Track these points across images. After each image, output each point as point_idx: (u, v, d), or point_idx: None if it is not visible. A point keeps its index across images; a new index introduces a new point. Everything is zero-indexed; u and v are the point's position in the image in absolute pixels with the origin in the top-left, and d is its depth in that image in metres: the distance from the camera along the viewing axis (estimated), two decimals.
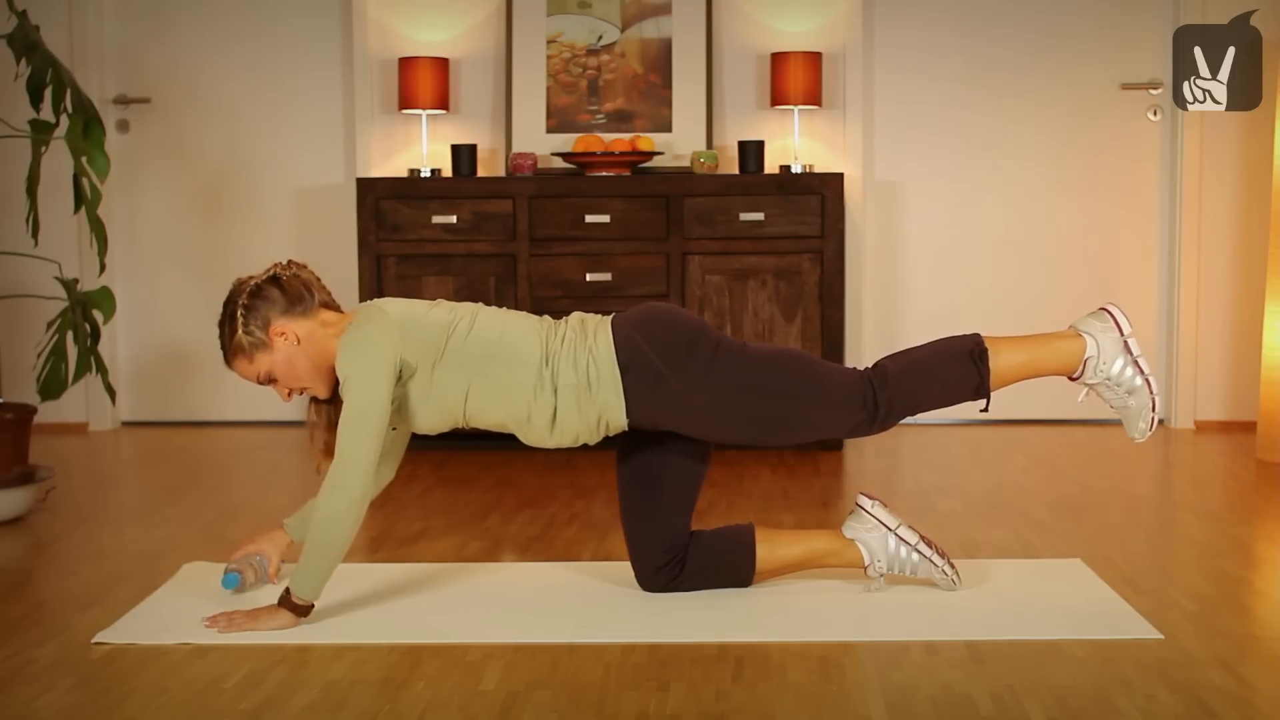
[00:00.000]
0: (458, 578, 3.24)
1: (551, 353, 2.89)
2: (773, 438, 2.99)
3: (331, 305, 2.98)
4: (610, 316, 2.97)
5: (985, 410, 3.01)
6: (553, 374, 2.87)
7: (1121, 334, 2.96)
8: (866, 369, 2.96)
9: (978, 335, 2.98)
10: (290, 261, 2.99)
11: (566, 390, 2.87)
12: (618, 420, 2.89)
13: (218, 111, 5.52)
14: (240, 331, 2.89)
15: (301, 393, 2.97)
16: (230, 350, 2.92)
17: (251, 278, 2.94)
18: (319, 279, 2.99)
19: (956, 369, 2.94)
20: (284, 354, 2.90)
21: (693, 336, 2.91)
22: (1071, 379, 3.00)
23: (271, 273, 2.94)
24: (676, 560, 3.04)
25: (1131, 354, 2.96)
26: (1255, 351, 5.10)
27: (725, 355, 2.90)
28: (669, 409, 2.88)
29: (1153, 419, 2.97)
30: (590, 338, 2.90)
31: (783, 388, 2.89)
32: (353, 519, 2.78)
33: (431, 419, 2.92)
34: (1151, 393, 2.96)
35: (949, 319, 5.45)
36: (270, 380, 2.93)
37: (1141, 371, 2.96)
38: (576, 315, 2.99)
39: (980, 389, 2.95)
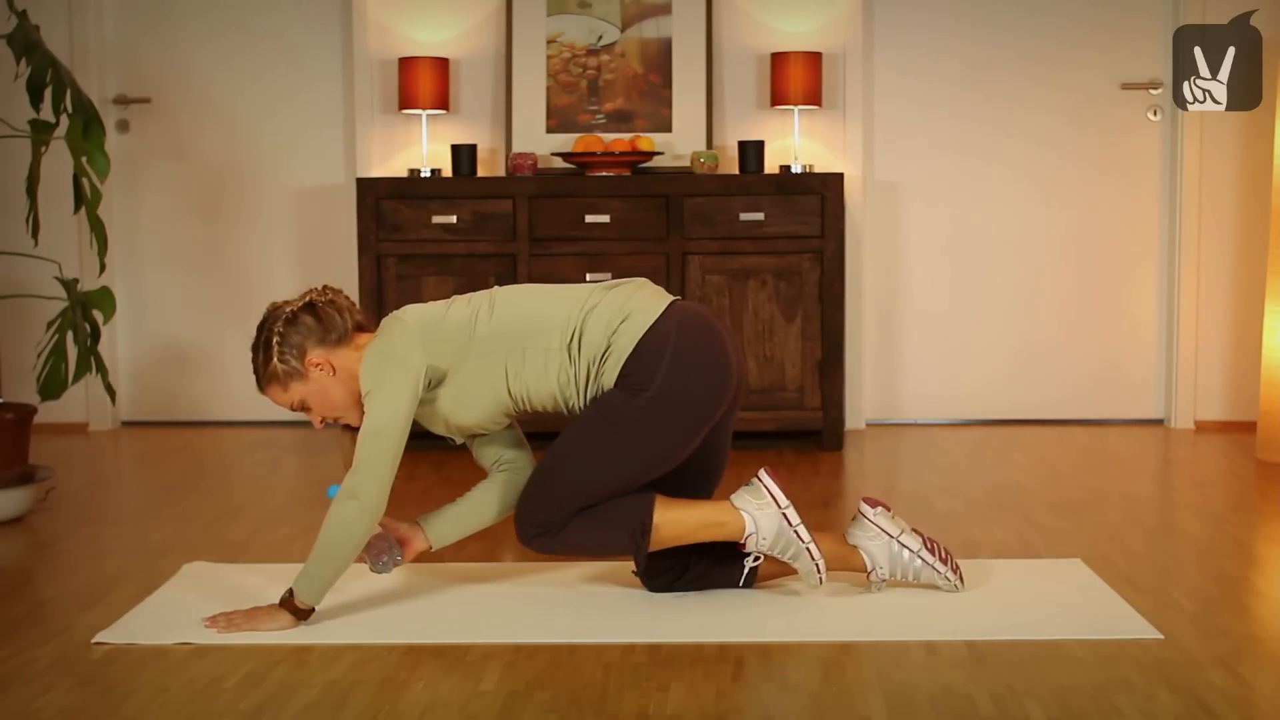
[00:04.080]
0: (458, 578, 3.24)
1: (585, 312, 2.87)
2: (551, 464, 2.91)
3: (364, 328, 2.95)
4: (672, 302, 2.93)
5: (635, 573, 3.03)
6: (579, 334, 2.85)
7: (778, 506, 2.95)
8: (647, 507, 2.91)
9: (646, 517, 2.91)
10: (325, 287, 2.95)
11: (588, 348, 2.85)
12: (608, 385, 2.86)
13: (218, 111, 5.52)
14: (276, 360, 2.86)
15: (335, 421, 2.95)
16: (265, 378, 2.89)
17: (287, 303, 2.91)
18: (353, 303, 2.96)
19: (616, 537, 2.92)
20: (319, 384, 2.88)
21: (698, 388, 2.87)
22: (740, 547, 2.99)
23: (307, 299, 2.90)
24: (680, 561, 3.04)
25: (790, 523, 2.95)
26: (1255, 351, 5.10)
27: (668, 419, 2.86)
28: (622, 386, 2.86)
29: (820, 578, 2.95)
30: (635, 305, 2.88)
31: (602, 463, 2.87)
32: (363, 528, 2.78)
33: (476, 414, 2.90)
34: (814, 559, 2.94)
35: (949, 319, 5.45)
36: (304, 408, 2.91)
37: (800, 539, 2.94)
38: (641, 280, 2.98)
39: (638, 557, 2.94)
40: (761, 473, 2.99)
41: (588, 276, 4.90)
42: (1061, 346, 5.45)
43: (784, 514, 2.95)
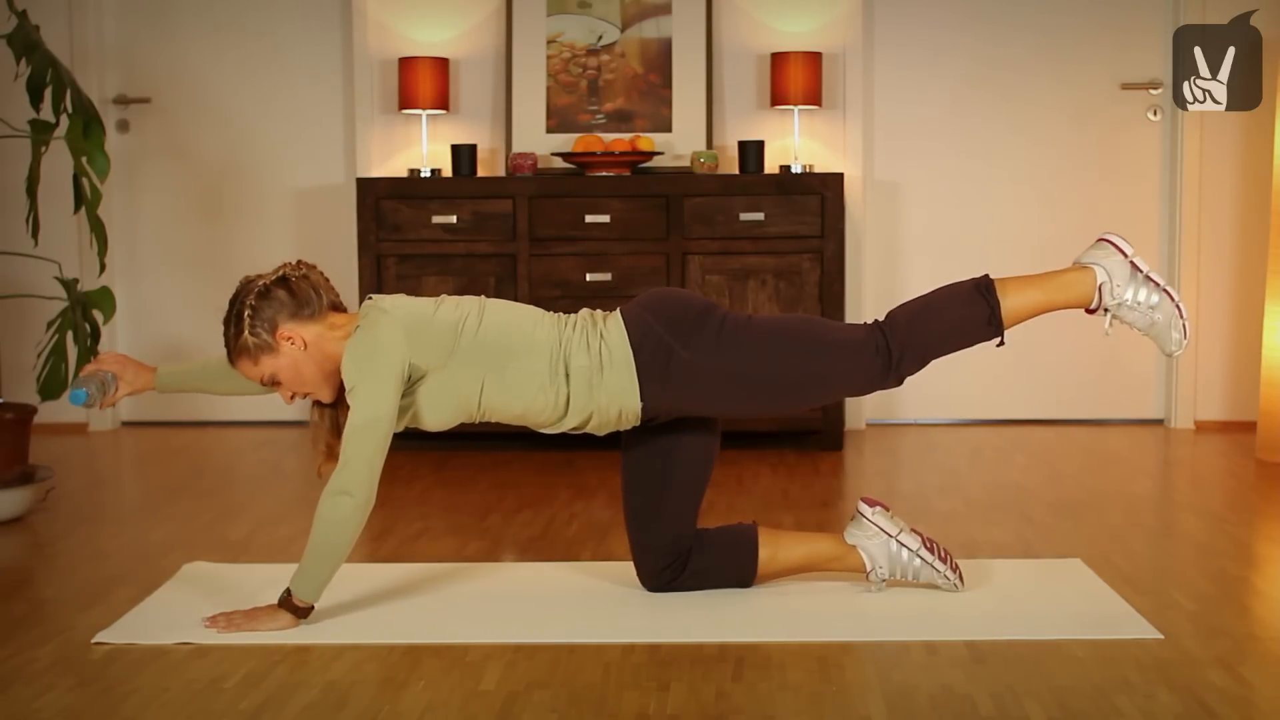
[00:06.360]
0: (458, 578, 3.23)
1: (564, 339, 2.88)
2: (792, 400, 2.97)
3: (339, 307, 2.96)
4: (618, 308, 2.97)
5: (1001, 344, 2.94)
6: (565, 359, 2.86)
7: (1126, 256, 2.93)
8: (876, 320, 2.95)
9: (985, 275, 2.96)
10: (300, 262, 2.95)
11: (579, 373, 2.85)
12: (632, 404, 2.86)
13: (218, 111, 5.52)
14: (246, 333, 2.86)
15: (305, 396, 2.95)
16: (235, 351, 2.90)
17: (260, 277, 2.90)
18: (327, 280, 2.96)
19: (966, 305, 2.91)
20: (290, 358, 2.88)
21: (701, 311, 2.91)
22: (1089, 311, 2.96)
23: (280, 273, 2.90)
24: (679, 561, 3.04)
25: (1142, 271, 2.92)
26: (1255, 351, 5.10)
27: (734, 324, 2.89)
28: (684, 385, 2.86)
29: (1184, 326, 2.93)
30: (601, 324, 2.91)
31: (795, 348, 2.88)
32: (356, 524, 2.78)
33: (443, 417, 2.90)
34: (1174, 300, 2.92)
35: None
36: (274, 383, 2.91)
37: (1157, 285, 2.92)
38: (586, 309, 2.99)
39: (993, 321, 2.90)
40: (1105, 233, 2.97)
41: (588, 277, 4.91)
42: (1061, 346, 5.45)
43: (1132, 262, 2.93)
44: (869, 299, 5.42)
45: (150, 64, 5.52)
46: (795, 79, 5.08)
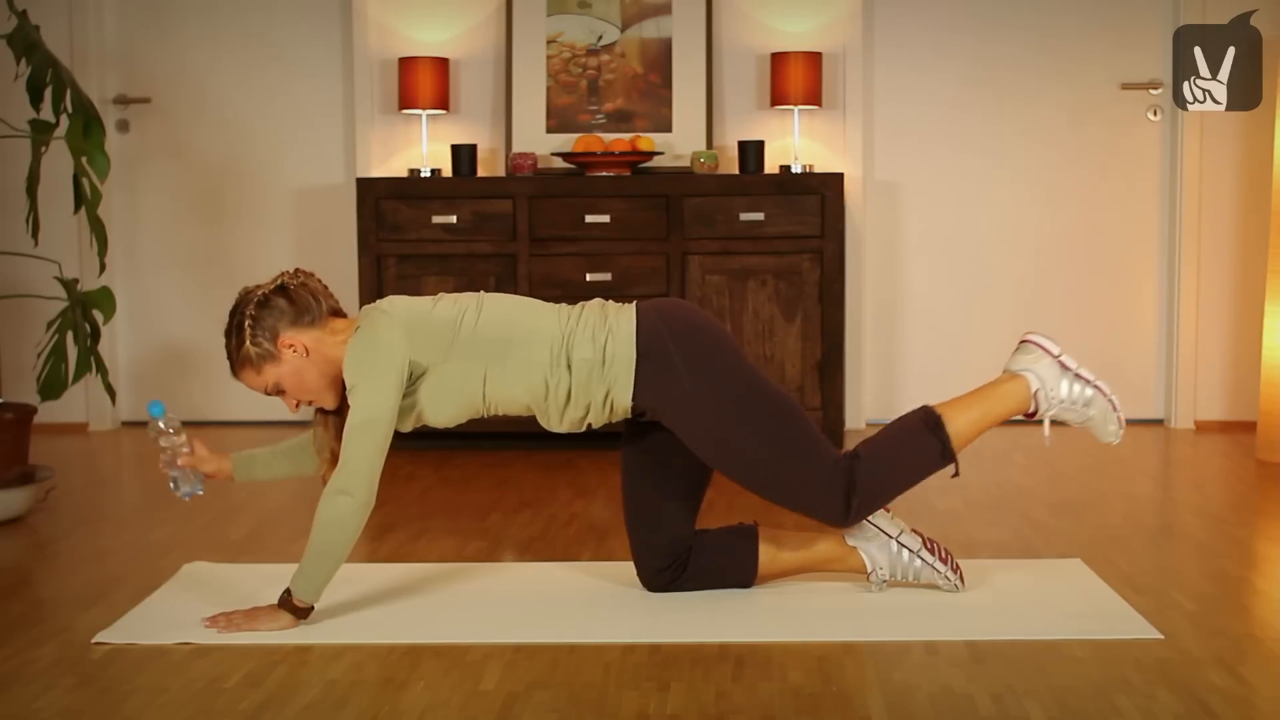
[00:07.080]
0: (458, 578, 3.23)
1: (568, 331, 2.88)
2: (748, 478, 2.94)
3: (339, 312, 2.96)
4: (635, 303, 2.97)
5: (956, 475, 3.02)
6: (567, 350, 2.86)
7: (1053, 356, 3.00)
8: (841, 460, 2.94)
9: (927, 407, 3.00)
10: (297, 270, 2.96)
11: (581, 365, 2.85)
12: (623, 398, 2.87)
13: (218, 111, 5.52)
14: (248, 343, 2.86)
15: (310, 404, 2.95)
16: (238, 362, 2.90)
17: (259, 287, 2.91)
18: (325, 286, 2.97)
19: (918, 444, 2.96)
20: (292, 366, 2.88)
21: (716, 342, 2.91)
22: (1029, 416, 3.03)
23: (279, 282, 2.91)
24: (679, 561, 3.04)
25: (1070, 369, 3.00)
26: (1255, 351, 5.10)
27: (742, 376, 2.89)
28: (672, 405, 2.87)
29: (1119, 418, 3.01)
30: (612, 318, 2.90)
31: (780, 437, 2.89)
32: (356, 524, 2.78)
33: (449, 412, 2.90)
34: (1106, 395, 3.00)
35: (949, 319, 5.45)
36: (278, 391, 2.91)
37: (1088, 381, 2.99)
38: (598, 300, 2.99)
39: (945, 454, 2.97)
40: (1028, 334, 3.04)
41: (588, 277, 4.91)
42: (1061, 347, 5.45)
43: (1060, 361, 2.99)
44: (869, 299, 5.42)
45: (150, 64, 5.52)
46: (795, 79, 5.08)
